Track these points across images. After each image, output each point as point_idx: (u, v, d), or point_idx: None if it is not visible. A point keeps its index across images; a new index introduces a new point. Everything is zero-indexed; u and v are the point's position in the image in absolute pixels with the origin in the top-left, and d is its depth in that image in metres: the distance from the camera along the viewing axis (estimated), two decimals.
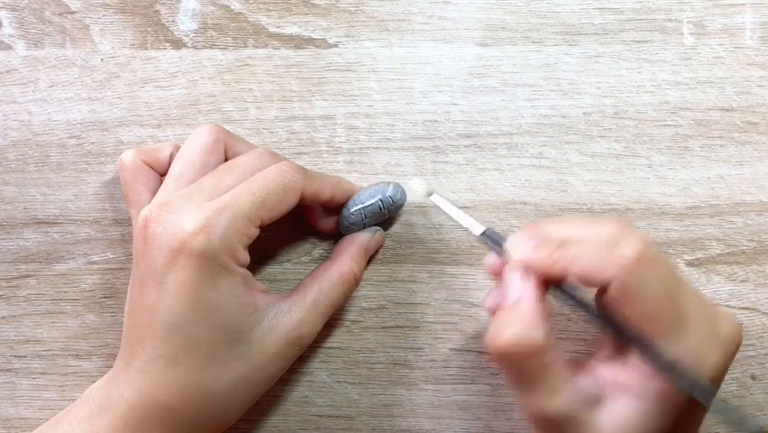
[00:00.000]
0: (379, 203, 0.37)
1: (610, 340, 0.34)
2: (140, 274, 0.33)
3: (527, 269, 0.31)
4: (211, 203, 0.32)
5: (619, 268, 0.28)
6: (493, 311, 0.32)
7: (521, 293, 0.30)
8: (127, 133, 0.40)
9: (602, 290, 0.30)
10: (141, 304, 0.33)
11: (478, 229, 0.34)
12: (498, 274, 0.33)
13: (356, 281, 0.37)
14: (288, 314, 0.34)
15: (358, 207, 0.37)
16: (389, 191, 0.37)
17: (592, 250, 0.29)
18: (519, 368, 0.30)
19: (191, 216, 0.32)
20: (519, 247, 0.31)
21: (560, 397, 0.29)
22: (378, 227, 0.38)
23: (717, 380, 0.30)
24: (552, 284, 0.31)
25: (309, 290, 0.36)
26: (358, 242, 0.37)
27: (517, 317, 0.30)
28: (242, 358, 0.33)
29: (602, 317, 0.31)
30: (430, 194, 0.36)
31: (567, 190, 0.39)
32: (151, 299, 0.32)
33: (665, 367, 0.29)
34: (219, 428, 0.34)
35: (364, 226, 0.38)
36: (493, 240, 0.33)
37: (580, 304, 0.31)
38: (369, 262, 0.39)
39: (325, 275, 0.36)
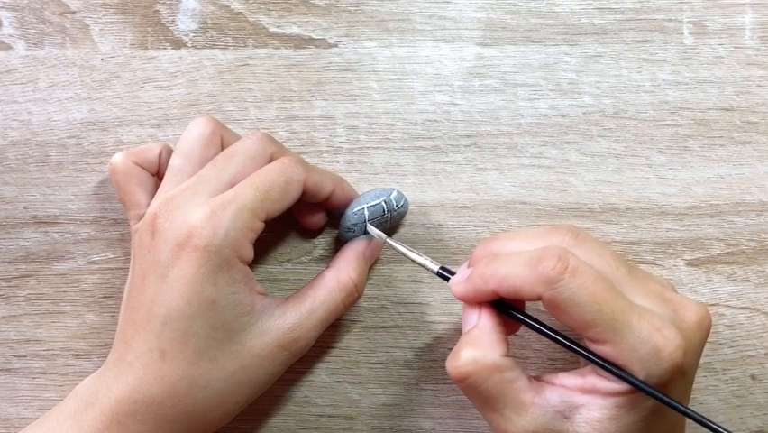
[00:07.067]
0: (383, 204, 0.37)
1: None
2: (142, 269, 0.33)
3: (471, 297, 0.32)
4: (216, 198, 0.33)
5: (543, 284, 0.29)
6: None
7: (477, 320, 0.32)
8: (127, 132, 0.40)
9: None
10: (140, 298, 0.33)
11: (433, 267, 0.34)
12: None
13: (356, 289, 0.36)
14: (280, 319, 0.34)
15: (361, 207, 0.37)
16: (394, 195, 0.37)
17: (519, 268, 0.30)
18: (480, 390, 0.30)
19: (197, 210, 0.32)
20: (458, 279, 0.33)
21: (527, 415, 0.30)
22: (372, 235, 0.37)
23: (682, 367, 0.29)
24: (503, 303, 0.32)
25: (306, 298, 0.35)
26: (355, 249, 0.37)
27: (472, 340, 0.31)
28: (233, 357, 0.33)
29: (545, 328, 0.32)
30: (384, 239, 0.36)
31: (567, 190, 0.39)
32: (152, 293, 0.32)
33: (604, 368, 0.30)
34: (207, 427, 0.34)
35: (365, 230, 0.37)
36: (448, 275, 0.34)
37: (523, 320, 0.32)
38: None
39: (322, 283, 0.36)
